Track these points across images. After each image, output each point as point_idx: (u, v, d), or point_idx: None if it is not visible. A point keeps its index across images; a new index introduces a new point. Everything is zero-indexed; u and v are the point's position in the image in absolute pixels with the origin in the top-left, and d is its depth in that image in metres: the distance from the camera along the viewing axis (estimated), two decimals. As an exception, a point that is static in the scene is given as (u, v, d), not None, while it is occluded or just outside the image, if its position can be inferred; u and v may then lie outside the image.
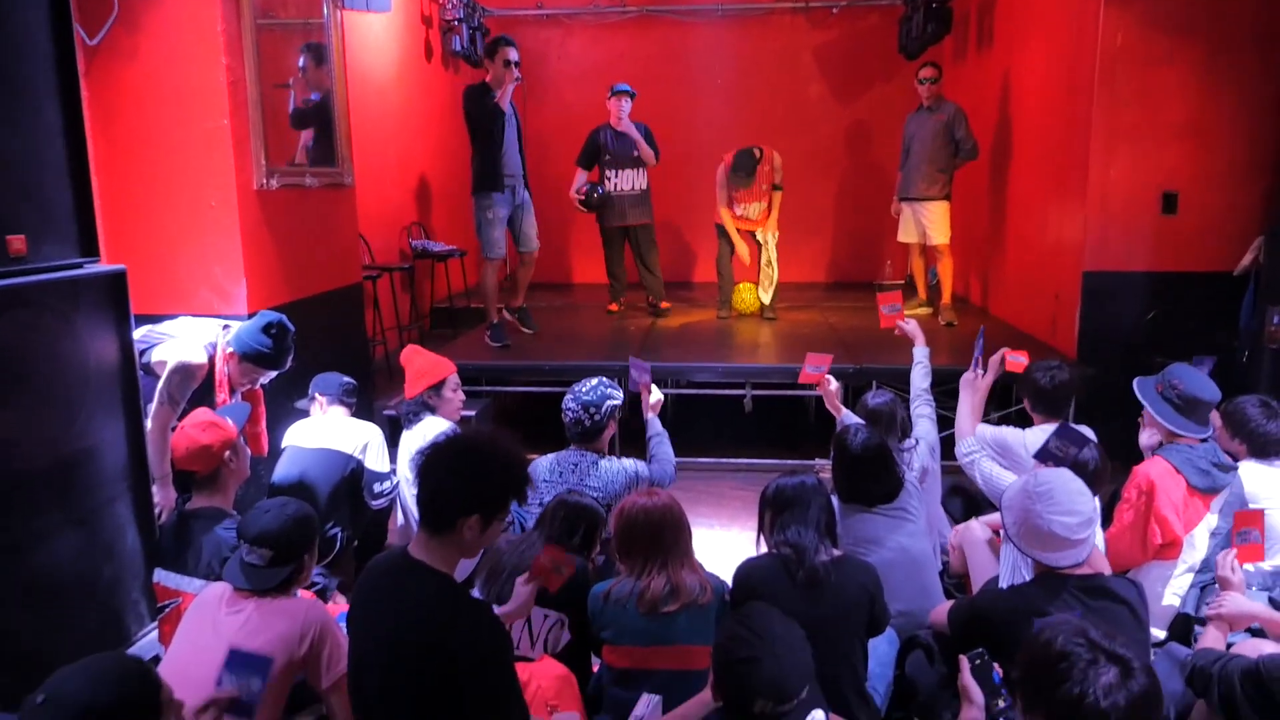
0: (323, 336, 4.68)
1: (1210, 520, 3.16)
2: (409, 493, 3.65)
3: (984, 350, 3.80)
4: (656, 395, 3.80)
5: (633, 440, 3.95)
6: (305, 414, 4.04)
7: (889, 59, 8.51)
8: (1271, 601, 3.04)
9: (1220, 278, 5.00)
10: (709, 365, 5.60)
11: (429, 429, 3.66)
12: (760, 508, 2.77)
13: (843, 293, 8.35)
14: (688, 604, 2.46)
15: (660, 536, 2.52)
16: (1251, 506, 3.14)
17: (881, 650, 2.84)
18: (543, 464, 3.45)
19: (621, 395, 3.56)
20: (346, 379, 4.02)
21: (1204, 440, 3.24)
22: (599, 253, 7.30)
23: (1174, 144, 5.16)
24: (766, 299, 6.91)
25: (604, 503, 3.33)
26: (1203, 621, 2.95)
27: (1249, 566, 2.94)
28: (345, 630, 2.22)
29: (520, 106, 6.06)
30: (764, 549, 2.72)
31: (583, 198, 6.73)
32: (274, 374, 3.63)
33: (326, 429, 3.84)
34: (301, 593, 2.58)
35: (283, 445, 3.87)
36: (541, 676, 2.34)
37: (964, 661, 2.06)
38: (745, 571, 2.63)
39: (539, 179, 6.69)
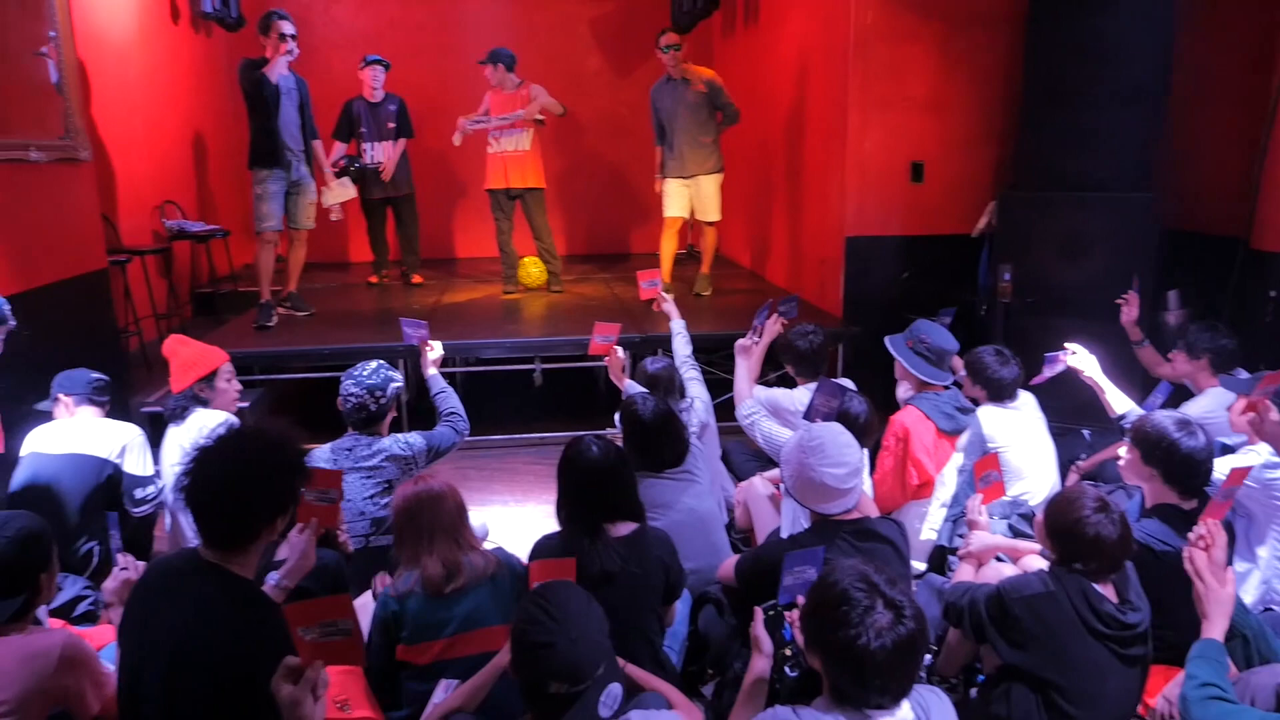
0: (63, 330, 4.24)
1: (957, 459, 3.50)
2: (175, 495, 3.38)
3: (765, 319, 4.00)
4: (437, 351, 3.75)
5: (425, 422, 3.85)
6: (49, 417, 3.63)
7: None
8: (1011, 528, 3.42)
9: (961, 239, 5.50)
10: (497, 341, 5.55)
11: (202, 423, 3.40)
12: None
13: (628, 263, 8.49)
14: (472, 581, 2.43)
15: (426, 519, 2.47)
16: (989, 446, 3.50)
17: (675, 609, 2.94)
18: (320, 454, 3.29)
19: (402, 379, 3.46)
20: (96, 375, 3.64)
21: (948, 387, 3.58)
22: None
23: (919, 116, 5.60)
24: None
25: (383, 481, 3.23)
26: (955, 551, 3.27)
27: (991, 500, 3.28)
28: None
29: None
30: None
31: (339, 170, 6.71)
32: None
33: (76, 432, 3.47)
34: (49, 621, 2.33)
35: (22, 453, 3.47)
36: (328, 673, 2.24)
37: (758, 613, 2.17)
38: (537, 552, 2.63)
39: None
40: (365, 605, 2.64)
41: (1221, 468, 2.98)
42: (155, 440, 3.68)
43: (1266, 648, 2.32)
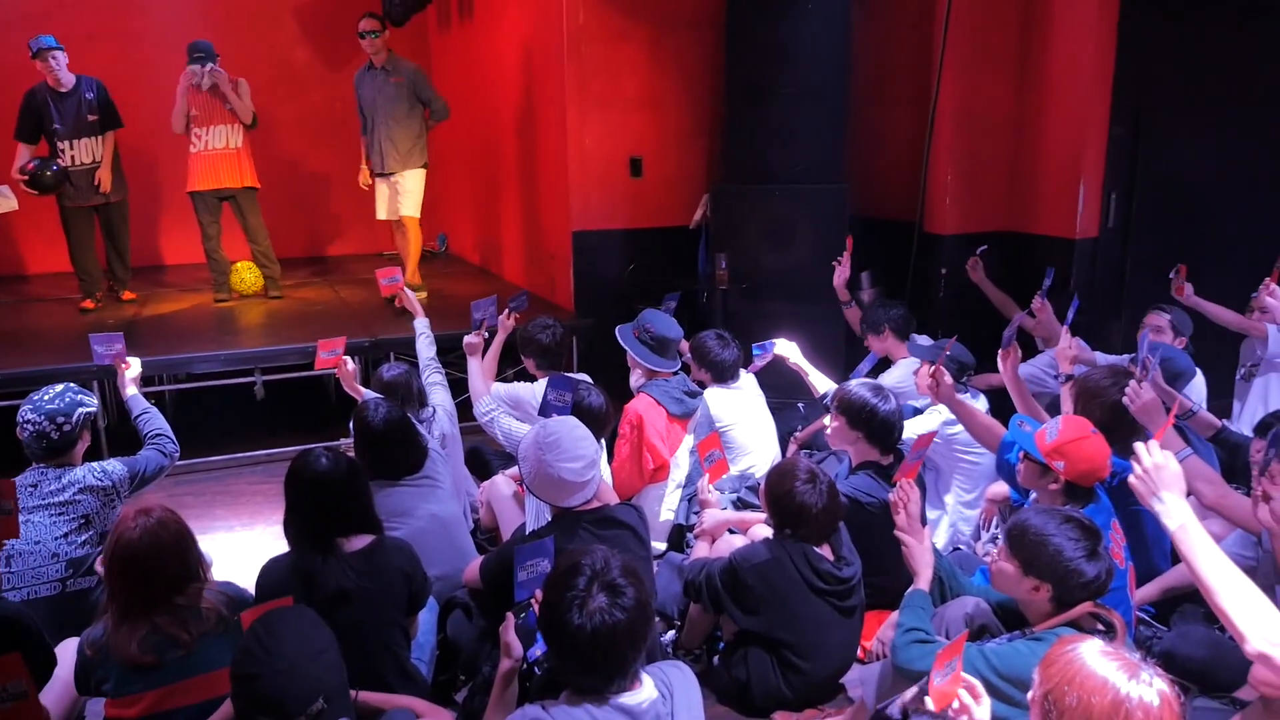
0: None
1: (688, 441, 3.69)
2: None
3: (491, 314, 3.97)
4: (135, 368, 3.45)
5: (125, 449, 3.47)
6: None
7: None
8: (741, 501, 3.65)
9: (680, 231, 5.78)
10: (210, 354, 5.12)
11: None
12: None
13: (350, 265, 8.15)
14: (198, 639, 2.19)
15: (152, 574, 2.17)
16: (717, 425, 3.72)
17: (422, 618, 2.87)
18: None
19: (96, 402, 3.10)
20: None
21: (676, 373, 3.75)
22: (61, 238, 6.23)
23: (635, 113, 5.80)
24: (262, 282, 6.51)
25: (78, 517, 2.90)
26: (692, 528, 3.44)
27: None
28: None
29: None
30: None
31: (28, 178, 5.66)
32: None
33: None
34: None
35: None
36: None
37: (509, 617, 2.16)
38: (263, 580, 2.48)
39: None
40: (65, 660, 2.35)
41: (912, 430, 3.36)
42: None
43: (957, 585, 2.64)
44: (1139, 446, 1.96)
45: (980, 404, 3.62)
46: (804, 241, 5.05)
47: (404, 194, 6.05)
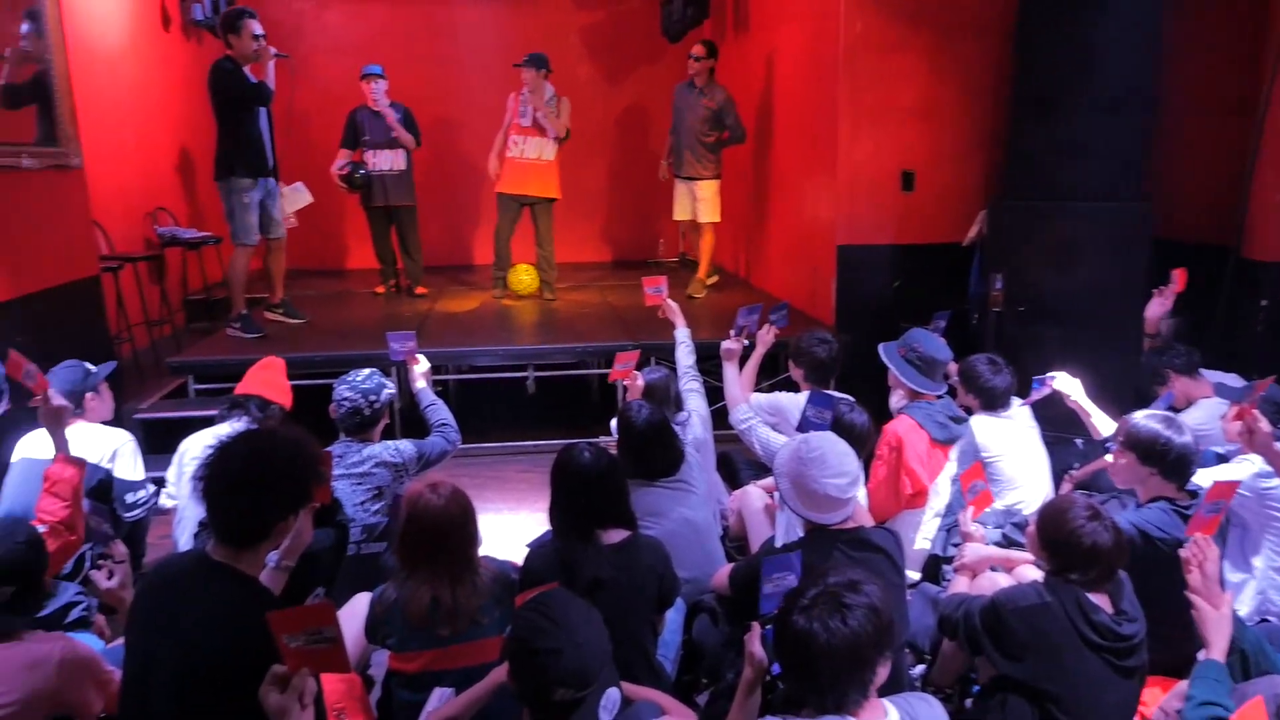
0: (55, 337, 4.20)
1: (950, 468, 3.49)
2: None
3: (754, 323, 3.98)
4: (424, 364, 3.74)
5: (415, 431, 3.83)
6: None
7: (654, 41, 8.70)
8: (1005, 538, 3.42)
9: (952, 248, 5.52)
10: (490, 349, 5.55)
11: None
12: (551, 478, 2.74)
13: (620, 272, 8.51)
14: (473, 609, 2.38)
15: (443, 543, 2.39)
16: (983, 455, 3.51)
17: (669, 617, 2.93)
18: None
19: (395, 387, 3.46)
20: (89, 374, 3.60)
21: (940, 397, 3.58)
22: (370, 236, 7.21)
23: (909, 126, 5.61)
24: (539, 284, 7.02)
25: (373, 488, 3.22)
26: (950, 560, 3.27)
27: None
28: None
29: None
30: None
31: (344, 175, 6.72)
32: None
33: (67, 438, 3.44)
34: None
35: (13, 459, 3.44)
36: (326, 680, 2.23)
37: (755, 626, 2.16)
38: (530, 563, 2.62)
39: (302, 160, 6.69)
40: (357, 614, 2.63)
41: (1208, 479, 3.00)
42: (147, 446, 3.65)
43: (1266, 660, 2.32)
44: None
45: (1303, 456, 3.16)
46: (1094, 264, 4.63)
47: (700, 201, 6.91)
